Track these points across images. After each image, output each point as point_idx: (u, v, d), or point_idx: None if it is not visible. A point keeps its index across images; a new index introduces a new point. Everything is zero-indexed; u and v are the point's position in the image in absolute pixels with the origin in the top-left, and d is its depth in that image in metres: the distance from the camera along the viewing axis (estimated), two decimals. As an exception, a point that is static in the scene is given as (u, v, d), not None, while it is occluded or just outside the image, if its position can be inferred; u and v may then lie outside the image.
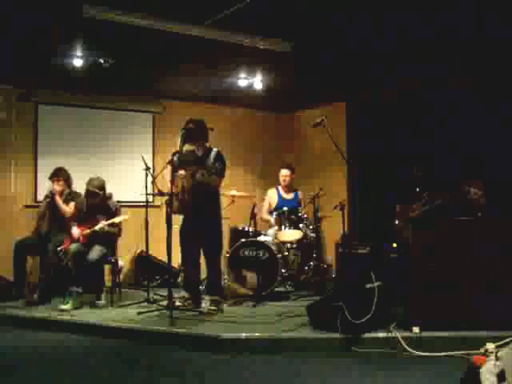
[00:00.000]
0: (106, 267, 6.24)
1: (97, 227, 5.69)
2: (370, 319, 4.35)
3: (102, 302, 5.74)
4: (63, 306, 5.44)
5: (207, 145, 5.47)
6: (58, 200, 6.14)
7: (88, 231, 5.75)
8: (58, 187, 6.20)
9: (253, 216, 6.59)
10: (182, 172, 5.32)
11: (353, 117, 7.78)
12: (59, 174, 6.24)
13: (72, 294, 5.54)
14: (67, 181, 6.30)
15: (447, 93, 6.33)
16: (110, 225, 5.74)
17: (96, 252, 5.68)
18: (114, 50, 5.75)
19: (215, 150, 5.45)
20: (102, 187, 5.84)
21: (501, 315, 4.33)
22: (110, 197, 6.01)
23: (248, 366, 4.04)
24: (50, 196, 6.18)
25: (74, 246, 5.70)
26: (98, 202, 5.84)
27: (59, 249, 5.78)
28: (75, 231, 5.81)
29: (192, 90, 7.42)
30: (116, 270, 6.13)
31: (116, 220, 5.71)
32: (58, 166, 6.38)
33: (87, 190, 5.82)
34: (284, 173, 7.11)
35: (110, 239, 5.88)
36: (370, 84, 6.92)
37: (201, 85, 7.15)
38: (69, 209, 6.09)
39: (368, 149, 7.36)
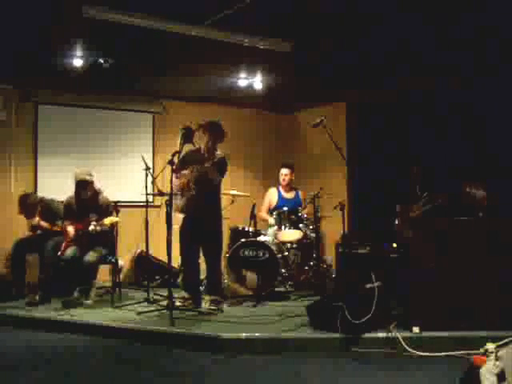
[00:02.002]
0: (106, 267, 6.27)
1: (89, 228, 5.64)
2: (370, 319, 4.34)
3: (90, 301, 5.70)
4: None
5: (216, 147, 5.46)
6: (46, 227, 6.12)
7: (80, 229, 5.74)
8: (35, 221, 6.13)
9: (253, 216, 6.59)
10: (185, 172, 5.34)
11: (353, 117, 7.78)
12: (29, 210, 6.14)
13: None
14: (36, 205, 6.19)
15: (447, 93, 6.33)
16: (100, 224, 5.66)
17: (92, 255, 5.68)
18: (114, 50, 5.75)
19: (220, 155, 5.42)
20: (90, 174, 5.77)
21: (501, 315, 4.33)
22: (99, 192, 5.99)
23: (248, 365, 4.04)
24: (36, 230, 6.19)
25: (68, 253, 5.68)
26: (89, 196, 5.78)
27: (58, 253, 5.77)
28: (70, 230, 5.80)
29: (192, 90, 7.43)
30: (116, 269, 6.13)
31: (106, 221, 5.61)
32: (23, 197, 6.22)
33: (77, 182, 5.73)
34: (283, 172, 7.11)
35: (107, 239, 5.88)
36: (370, 84, 6.92)
37: (201, 85, 7.15)
38: (57, 227, 6.07)
39: (368, 149, 7.36)
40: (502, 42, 5.28)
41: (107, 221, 5.60)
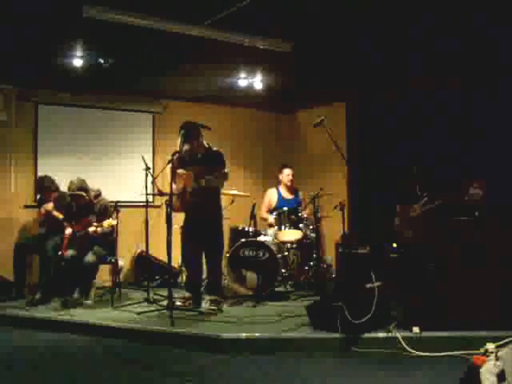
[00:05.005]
0: (106, 267, 6.27)
1: (90, 230, 5.67)
2: (370, 319, 4.35)
3: (90, 301, 5.75)
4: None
5: (205, 143, 5.46)
6: (57, 215, 6.15)
7: (79, 230, 5.78)
8: (48, 206, 6.22)
9: (253, 216, 6.60)
10: (181, 171, 5.33)
11: (353, 117, 7.78)
12: (44, 193, 6.31)
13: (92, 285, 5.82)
14: (51, 190, 6.31)
15: (447, 93, 6.33)
16: (100, 226, 5.68)
17: (92, 255, 5.71)
18: (114, 50, 5.75)
19: (215, 149, 5.45)
20: (82, 187, 5.79)
21: (501, 315, 4.33)
22: (98, 194, 6.00)
23: (248, 365, 4.04)
24: (44, 221, 6.24)
25: (68, 253, 5.69)
26: (85, 202, 5.82)
27: (59, 253, 5.78)
28: (68, 230, 5.84)
29: (192, 90, 7.42)
30: (116, 270, 6.13)
31: (105, 224, 5.63)
32: (39, 179, 6.47)
33: (70, 196, 5.83)
34: (289, 172, 7.12)
35: (107, 239, 5.89)
36: (370, 84, 6.92)
37: (201, 85, 7.15)
38: (61, 215, 6.12)
39: (368, 149, 7.36)
40: (502, 41, 5.28)
41: (106, 223, 5.62)
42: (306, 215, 6.73)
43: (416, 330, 4.34)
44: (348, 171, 7.36)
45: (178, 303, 5.38)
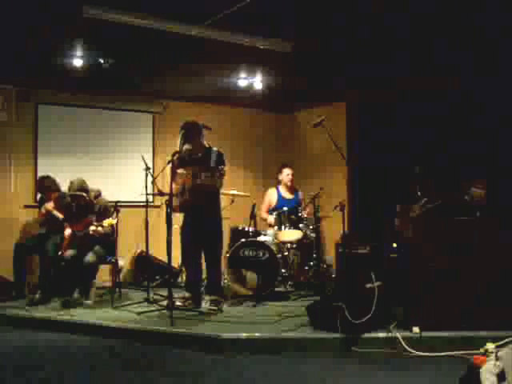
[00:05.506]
0: (106, 267, 6.28)
1: (90, 230, 5.66)
2: (370, 319, 4.35)
3: (90, 301, 5.73)
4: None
5: (205, 143, 5.47)
6: (57, 214, 6.15)
7: (79, 230, 5.78)
8: (49, 205, 6.23)
9: (253, 216, 6.60)
10: (181, 171, 5.34)
11: (353, 117, 7.78)
12: (44, 192, 6.34)
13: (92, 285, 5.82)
14: (51, 189, 6.32)
15: (447, 93, 6.33)
16: (100, 226, 5.68)
17: (92, 255, 5.70)
18: (114, 50, 5.75)
19: (215, 149, 5.46)
20: (82, 188, 5.77)
21: (501, 315, 4.33)
22: (98, 195, 6.00)
23: (248, 365, 4.04)
24: (49, 214, 6.23)
25: (68, 253, 5.69)
26: (85, 203, 5.82)
27: (59, 253, 5.78)
28: (67, 230, 5.85)
29: (192, 90, 7.42)
30: (116, 270, 6.13)
31: (105, 223, 5.62)
32: (40, 179, 6.48)
33: (70, 196, 5.82)
34: (289, 172, 7.11)
35: (107, 239, 5.88)
36: (370, 84, 6.92)
37: (201, 85, 7.15)
38: (61, 215, 6.13)
39: (368, 149, 7.36)
40: (502, 41, 5.29)
41: (106, 222, 5.61)
42: (306, 215, 6.72)
43: (416, 330, 4.34)
44: (348, 171, 7.36)
45: (178, 303, 5.38)
